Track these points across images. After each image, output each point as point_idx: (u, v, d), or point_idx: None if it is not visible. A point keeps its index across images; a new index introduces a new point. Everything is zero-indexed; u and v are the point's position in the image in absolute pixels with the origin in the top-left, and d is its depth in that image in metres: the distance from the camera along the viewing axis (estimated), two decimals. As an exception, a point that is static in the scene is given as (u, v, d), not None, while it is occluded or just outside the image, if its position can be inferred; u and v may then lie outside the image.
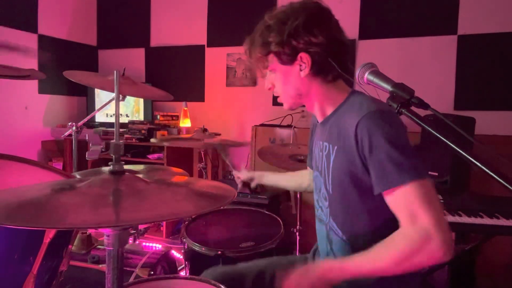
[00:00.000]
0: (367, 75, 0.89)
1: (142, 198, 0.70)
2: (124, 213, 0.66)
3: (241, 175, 1.68)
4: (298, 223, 2.14)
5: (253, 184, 1.67)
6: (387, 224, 0.94)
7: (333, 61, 1.03)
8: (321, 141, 1.12)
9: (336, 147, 1.03)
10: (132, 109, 3.71)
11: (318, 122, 1.17)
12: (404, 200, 0.88)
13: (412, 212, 0.86)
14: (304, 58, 1.03)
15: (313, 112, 1.17)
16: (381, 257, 0.88)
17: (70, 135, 1.95)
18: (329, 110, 1.10)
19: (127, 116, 3.67)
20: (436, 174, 2.03)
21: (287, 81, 1.08)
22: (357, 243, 1.03)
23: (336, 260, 0.96)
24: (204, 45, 3.63)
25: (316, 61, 1.03)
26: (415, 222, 0.86)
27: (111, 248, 0.72)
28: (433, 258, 0.84)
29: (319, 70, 1.05)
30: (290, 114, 3.04)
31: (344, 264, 0.93)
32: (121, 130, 3.36)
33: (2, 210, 0.62)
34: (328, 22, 1.05)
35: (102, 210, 0.66)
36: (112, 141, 0.78)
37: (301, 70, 1.05)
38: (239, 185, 1.68)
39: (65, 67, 1.92)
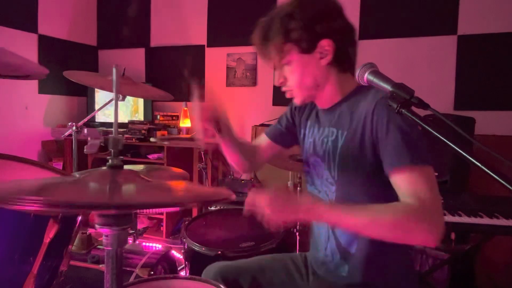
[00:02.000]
0: (367, 75, 0.89)
1: (140, 189, 0.71)
2: (121, 197, 0.66)
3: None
4: (298, 223, 2.14)
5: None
6: None
7: (351, 50, 1.05)
8: (325, 127, 1.12)
9: (346, 132, 1.04)
10: (132, 109, 3.71)
11: (319, 108, 1.16)
12: (413, 180, 0.90)
13: (418, 192, 0.88)
14: (327, 45, 1.02)
15: (318, 102, 1.15)
16: (379, 215, 0.89)
17: (70, 135, 1.95)
18: (337, 98, 1.10)
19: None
20: (436, 174, 2.03)
21: (304, 71, 1.05)
22: None
23: (326, 202, 0.96)
24: (204, 45, 3.63)
25: (338, 48, 1.03)
26: (420, 199, 0.88)
27: (110, 248, 0.72)
28: (425, 235, 0.86)
29: (339, 58, 1.04)
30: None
31: (333, 207, 0.93)
32: (121, 130, 3.36)
33: (2, 193, 0.62)
34: (342, 10, 1.06)
35: (100, 193, 0.66)
36: (110, 135, 0.78)
37: (321, 58, 1.03)
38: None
39: (65, 67, 1.92)
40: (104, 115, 3.71)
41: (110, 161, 0.76)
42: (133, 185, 0.72)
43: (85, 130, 1.92)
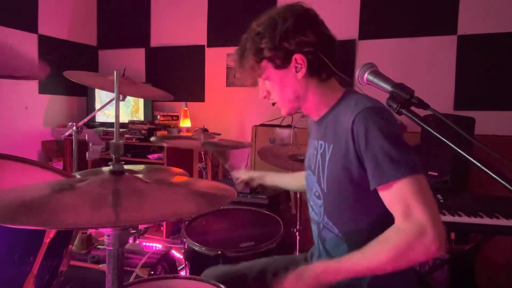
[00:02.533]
0: (367, 75, 0.89)
1: (142, 198, 0.71)
2: (124, 213, 0.65)
3: (241, 175, 1.67)
4: (298, 223, 2.14)
5: (253, 184, 1.66)
6: (383, 219, 0.95)
7: (326, 59, 1.04)
8: (316, 140, 1.13)
9: (332, 145, 1.04)
10: (132, 109, 3.71)
11: (313, 121, 1.17)
12: (399, 195, 0.88)
13: (406, 207, 0.87)
14: (299, 59, 1.03)
15: (308, 113, 1.17)
16: (376, 253, 0.88)
17: (70, 135, 1.95)
18: (324, 109, 1.11)
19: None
20: (436, 174, 2.03)
21: (283, 85, 1.08)
22: (353, 239, 1.04)
23: (331, 261, 0.96)
24: (204, 45, 3.63)
25: (311, 61, 1.03)
26: (410, 217, 0.86)
27: (111, 248, 0.72)
28: (427, 252, 0.85)
29: (315, 69, 1.05)
30: (290, 114, 3.03)
31: (339, 264, 0.92)
32: (121, 130, 3.36)
33: (2, 210, 0.62)
34: (316, 20, 1.06)
35: (102, 210, 0.66)
36: (112, 141, 0.78)
37: (297, 71, 1.05)
38: (240, 186, 1.65)
39: (65, 67, 1.92)
40: (104, 115, 3.71)
41: (111, 166, 0.76)
42: (136, 195, 0.71)
43: (86, 136, 1.92)
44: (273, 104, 1.16)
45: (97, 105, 3.67)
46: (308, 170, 1.19)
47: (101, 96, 3.68)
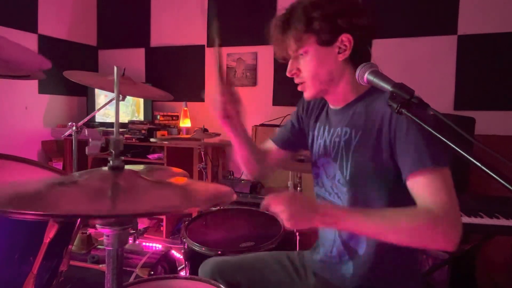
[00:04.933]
0: (367, 75, 0.89)
1: (141, 192, 0.71)
2: (121, 204, 0.66)
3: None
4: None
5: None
6: None
7: (369, 47, 1.04)
8: (337, 127, 1.10)
9: (360, 132, 1.03)
10: (132, 109, 3.71)
11: (331, 108, 1.15)
12: (432, 183, 0.89)
13: (437, 195, 0.88)
14: (346, 40, 1.01)
15: (331, 100, 1.14)
16: (398, 218, 0.88)
17: (70, 135, 1.95)
18: (352, 97, 1.09)
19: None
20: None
21: (321, 64, 1.04)
22: None
23: (342, 207, 0.94)
24: (204, 45, 3.63)
25: (357, 45, 1.02)
26: (439, 203, 0.87)
27: (111, 248, 0.72)
28: (445, 240, 0.86)
29: (357, 55, 1.03)
30: (290, 114, 3.03)
31: (350, 212, 0.92)
32: (121, 130, 3.36)
33: (2, 199, 0.62)
34: (366, 9, 1.05)
35: (100, 201, 0.66)
36: (112, 136, 0.78)
37: (339, 52, 1.02)
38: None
39: (65, 67, 1.92)
40: (104, 115, 3.71)
41: (111, 162, 0.76)
42: (135, 189, 0.72)
43: (86, 132, 1.92)
44: (299, 84, 1.09)
45: (97, 105, 3.67)
46: (323, 158, 1.15)
47: (101, 96, 3.68)
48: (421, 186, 0.91)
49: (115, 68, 0.80)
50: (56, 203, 0.64)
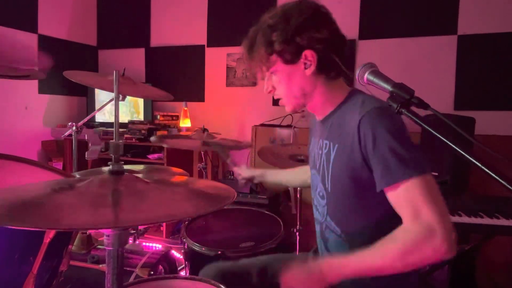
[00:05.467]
0: (367, 75, 0.89)
1: (142, 199, 0.70)
2: (123, 214, 0.65)
3: (243, 172, 1.64)
4: (298, 223, 2.14)
5: (255, 181, 1.63)
6: (386, 221, 0.94)
7: (336, 57, 1.03)
8: (320, 139, 1.12)
9: (337, 145, 1.03)
10: (132, 109, 3.71)
11: (317, 120, 1.16)
12: (408, 196, 0.87)
13: (415, 208, 0.86)
14: (310, 56, 1.02)
15: (313, 111, 1.16)
16: (383, 252, 0.87)
17: (70, 135, 1.95)
18: (330, 109, 1.09)
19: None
20: (436, 174, 2.03)
21: (291, 81, 1.06)
22: (355, 240, 1.03)
23: (336, 258, 0.94)
24: (204, 45, 3.63)
25: (321, 58, 1.02)
26: (419, 218, 0.85)
27: (111, 248, 0.72)
28: (436, 254, 0.84)
29: (324, 67, 1.04)
30: (290, 114, 3.04)
31: (344, 261, 0.91)
32: (121, 130, 3.36)
33: (2, 210, 0.62)
34: (329, 17, 1.05)
35: (101, 210, 0.65)
36: (111, 141, 0.78)
37: (306, 68, 1.03)
38: (241, 182, 1.63)
39: (65, 67, 1.91)
40: (104, 115, 3.71)
41: (111, 166, 0.76)
42: (136, 195, 0.71)
43: (86, 135, 1.92)
44: (277, 100, 1.14)
45: (97, 105, 3.67)
46: (313, 170, 1.18)
47: (101, 96, 3.68)
48: (398, 200, 0.90)
49: (115, 72, 0.81)
50: (57, 215, 0.64)
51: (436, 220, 0.84)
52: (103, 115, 3.71)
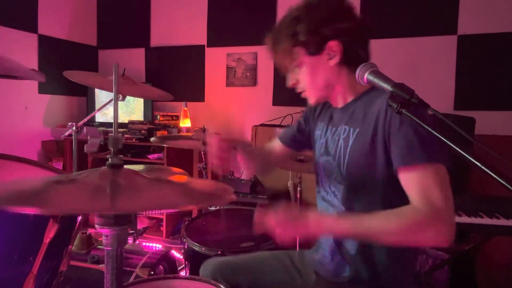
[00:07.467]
0: (367, 75, 0.89)
1: (140, 190, 0.71)
2: (121, 202, 0.66)
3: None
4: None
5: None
6: (397, 208, 0.94)
7: (360, 49, 1.05)
8: (338, 126, 1.12)
9: (358, 129, 1.04)
10: (132, 109, 3.71)
11: (335, 108, 1.16)
12: (423, 179, 0.89)
13: (427, 192, 0.88)
14: (334, 46, 1.03)
15: (331, 100, 1.16)
16: (387, 221, 0.89)
17: (70, 135, 1.95)
18: (351, 97, 1.10)
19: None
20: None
21: (314, 72, 1.07)
22: None
23: (328, 215, 0.95)
24: (204, 45, 3.63)
25: (346, 48, 1.03)
26: (429, 201, 0.87)
27: (110, 248, 0.72)
28: (436, 238, 0.86)
29: (348, 58, 1.04)
30: (290, 114, 3.04)
31: (343, 219, 0.93)
32: (121, 130, 3.36)
33: (3, 196, 0.62)
34: (354, 10, 1.07)
35: (100, 198, 0.66)
36: (110, 134, 0.78)
37: (329, 59, 1.04)
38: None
39: (65, 67, 1.92)
40: (103, 115, 3.71)
41: (110, 160, 0.76)
42: (134, 186, 0.72)
43: (85, 129, 1.92)
44: (301, 92, 1.14)
45: (97, 105, 3.67)
46: (324, 156, 1.17)
47: (101, 96, 3.68)
48: (412, 182, 0.91)
49: (114, 66, 0.80)
50: (55, 200, 0.64)
51: (444, 207, 0.86)
52: (103, 115, 3.71)
